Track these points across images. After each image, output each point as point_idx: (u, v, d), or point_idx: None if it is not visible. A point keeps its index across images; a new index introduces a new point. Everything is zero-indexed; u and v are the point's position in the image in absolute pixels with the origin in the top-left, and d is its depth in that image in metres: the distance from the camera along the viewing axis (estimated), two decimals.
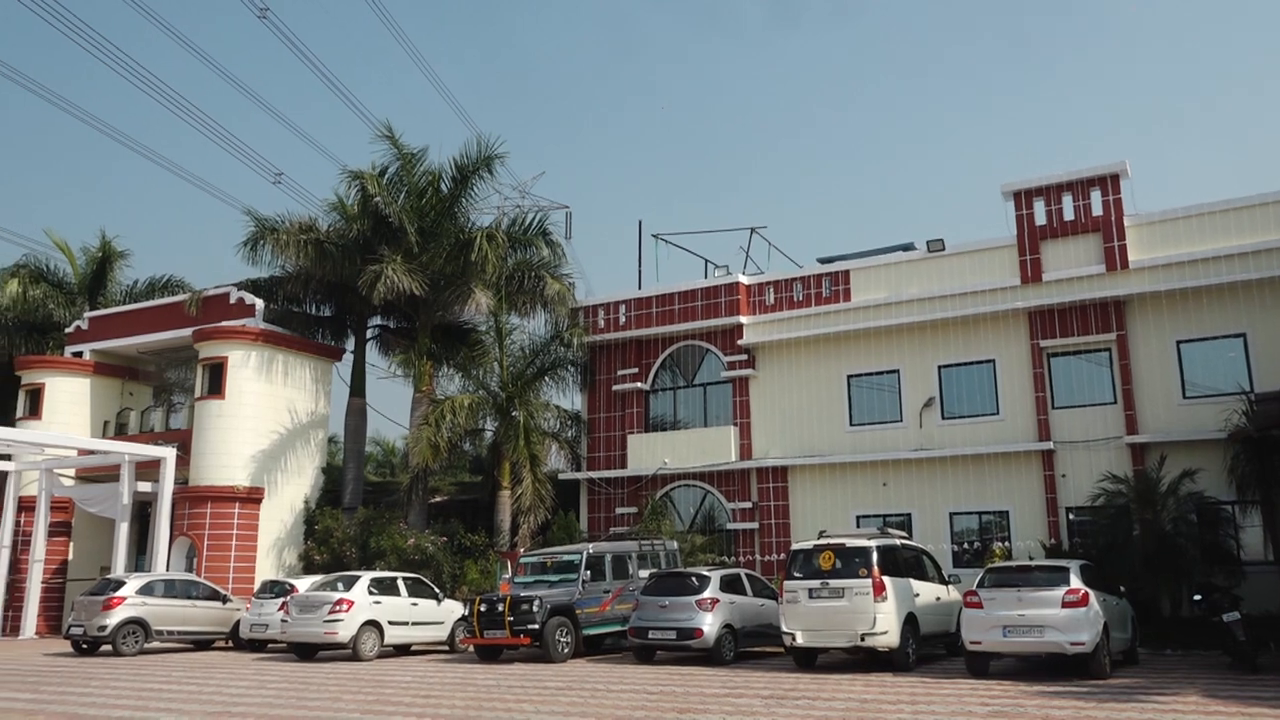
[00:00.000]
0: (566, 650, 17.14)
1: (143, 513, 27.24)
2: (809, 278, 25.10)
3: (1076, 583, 13.39)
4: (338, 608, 18.22)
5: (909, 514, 22.62)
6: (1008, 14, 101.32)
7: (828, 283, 24.72)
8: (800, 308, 24.90)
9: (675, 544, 21.25)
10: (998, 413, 22.32)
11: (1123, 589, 15.60)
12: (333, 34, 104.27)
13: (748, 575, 18.41)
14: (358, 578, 19.17)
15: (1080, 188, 22.02)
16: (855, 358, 24.16)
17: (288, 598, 19.66)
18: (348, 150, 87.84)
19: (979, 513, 22.17)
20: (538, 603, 16.87)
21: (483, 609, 17.33)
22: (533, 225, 28.28)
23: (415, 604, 19.57)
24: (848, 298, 24.34)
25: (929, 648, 15.92)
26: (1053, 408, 21.74)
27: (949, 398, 23.00)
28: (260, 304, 27.53)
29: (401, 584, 19.68)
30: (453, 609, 20.22)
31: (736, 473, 24.83)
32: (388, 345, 31.16)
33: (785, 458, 24.30)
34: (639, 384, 26.56)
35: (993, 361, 22.63)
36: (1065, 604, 13.12)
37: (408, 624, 19.31)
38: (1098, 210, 21.79)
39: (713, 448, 25.11)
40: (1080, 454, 21.19)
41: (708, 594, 16.44)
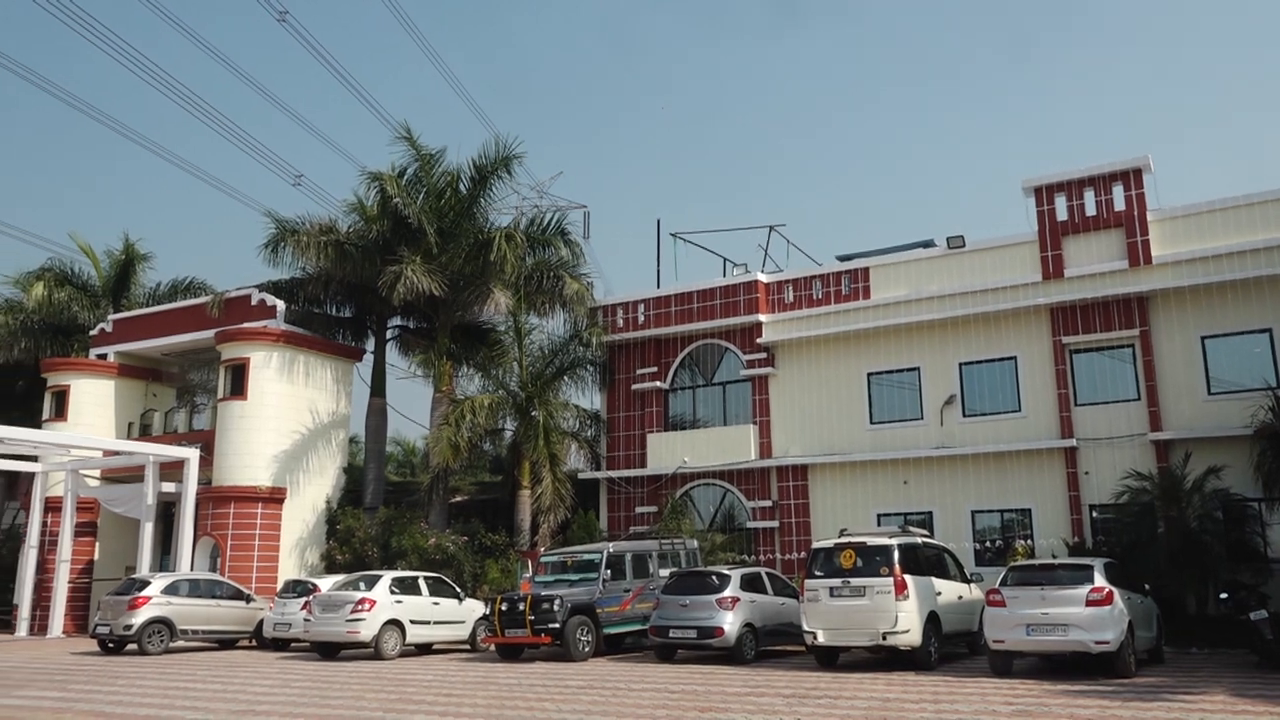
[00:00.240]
0: (587, 649, 17.16)
1: (167, 513, 27.49)
2: (828, 275, 25.02)
3: (1101, 581, 13.26)
4: (360, 607, 18.32)
5: (930, 512, 22.51)
6: (1025, 11, 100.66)
7: (847, 280, 24.63)
8: (820, 306, 24.83)
9: (695, 543, 21.23)
10: (1019, 410, 22.17)
11: (1147, 587, 15.44)
12: (337, 33, 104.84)
13: (768, 574, 18.37)
14: (379, 577, 19.26)
15: (1102, 183, 21.83)
16: (875, 355, 24.06)
17: (310, 597, 19.78)
18: (361, 150, 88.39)
19: (1001, 511, 22.03)
20: (558, 602, 16.91)
21: (504, 608, 17.39)
22: (551, 225, 28.35)
23: (437, 603, 19.64)
24: (867, 295, 24.25)
25: (951, 647, 15.83)
26: (1075, 405, 21.57)
27: (970, 395, 22.87)
28: (281, 305, 27.72)
29: (423, 583, 19.76)
30: (474, 608, 20.28)
31: (756, 471, 24.78)
32: (408, 345, 31.31)
33: (805, 456, 24.23)
34: (658, 383, 26.56)
35: (1014, 358, 22.48)
36: (1089, 602, 13.00)
37: (429, 623, 19.38)
38: (1120, 205, 21.59)
39: (732, 446, 25.07)
40: (1103, 451, 21.01)
41: (728, 593, 16.42)
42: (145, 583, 20.82)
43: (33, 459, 27.84)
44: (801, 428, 24.63)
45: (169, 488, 26.06)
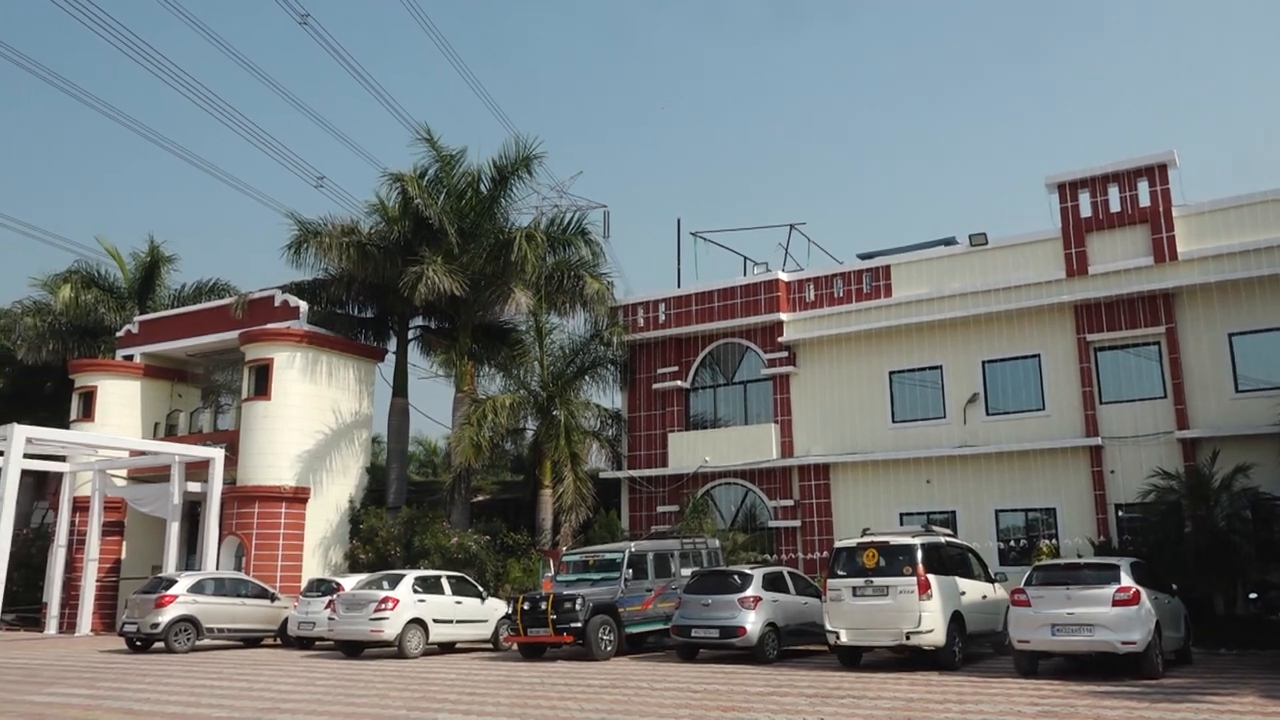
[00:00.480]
0: (609, 648, 17.17)
1: (193, 512, 27.75)
2: (849, 274, 24.92)
3: (1127, 580, 13.13)
4: (383, 606, 18.42)
5: (953, 511, 22.38)
6: (1044, 8, 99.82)
7: (868, 278, 24.52)
8: (841, 304, 24.73)
9: (717, 542, 21.20)
10: (1043, 408, 22.00)
11: (1175, 587, 15.27)
12: (349, 35, 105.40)
13: (790, 573, 18.33)
14: (402, 576, 19.36)
15: (1127, 179, 21.62)
16: (897, 354, 23.94)
17: (334, 596, 19.93)
18: (379, 151, 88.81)
19: (1025, 510, 21.86)
20: (580, 601, 16.94)
21: (526, 607, 17.44)
22: (571, 225, 28.40)
23: (459, 602, 19.72)
24: (889, 293, 24.13)
25: (975, 647, 15.75)
26: (1100, 403, 21.38)
27: (993, 393, 22.71)
28: (304, 306, 27.91)
29: (445, 582, 19.84)
30: (496, 607, 20.34)
31: (778, 470, 24.72)
32: (429, 346, 31.45)
33: (827, 455, 24.15)
34: (679, 382, 26.55)
35: (1037, 356, 22.31)
36: (1116, 602, 12.88)
37: (452, 622, 19.47)
38: (1145, 201, 21.37)
39: (754, 445, 25.02)
40: (1129, 450, 20.81)
41: (750, 592, 16.39)
42: (172, 581, 21.03)
43: (61, 459, 28.18)
44: (823, 427, 24.55)
45: (194, 487, 26.31)
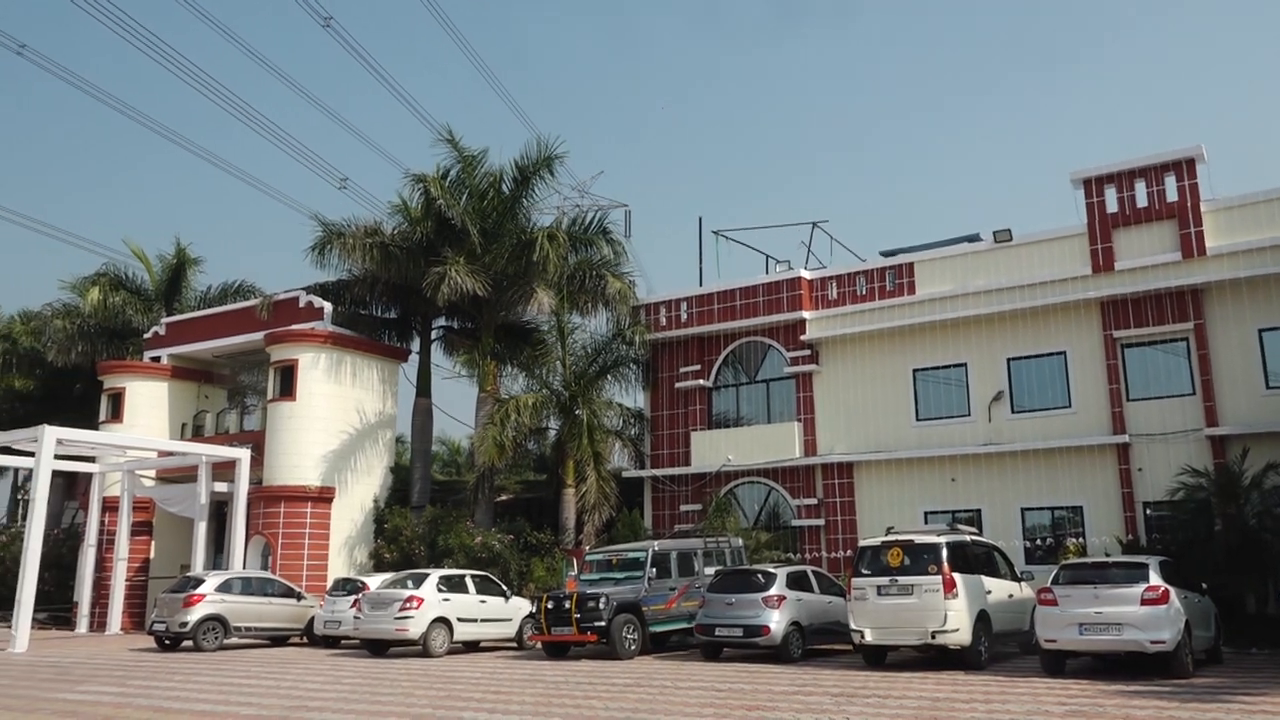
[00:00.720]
0: (633, 647, 17.19)
1: (220, 512, 28.02)
2: (872, 271, 24.80)
3: (1156, 579, 12.98)
4: (408, 605, 18.52)
5: (978, 510, 22.22)
6: (1067, 5, 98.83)
7: (891, 276, 24.39)
8: (864, 302, 24.61)
9: (740, 541, 21.17)
10: (1070, 405, 21.80)
11: (1205, 586, 15.07)
12: (368, 35, 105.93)
13: (814, 572, 18.26)
14: (427, 575, 19.45)
15: (1154, 173, 21.39)
16: (921, 351, 23.80)
17: (359, 595, 20.06)
18: (400, 151, 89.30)
19: (1051, 508, 21.67)
20: (604, 600, 16.95)
21: (550, 606, 17.48)
22: (593, 224, 28.44)
23: (483, 601, 19.79)
24: (912, 291, 23.99)
25: (1001, 646, 15.62)
26: (1127, 400, 21.17)
27: (1018, 391, 22.53)
28: (328, 307, 28.10)
29: (470, 581, 19.92)
30: (520, 606, 20.41)
31: (801, 469, 24.63)
32: (452, 346, 31.55)
33: (850, 453, 24.05)
34: (701, 381, 26.52)
35: (1063, 353, 22.10)
36: (1145, 601, 12.73)
37: (476, 621, 19.54)
38: (1172, 196, 21.13)
39: (776, 444, 24.95)
40: (1157, 447, 20.58)
41: (774, 591, 16.35)
42: (200, 581, 21.25)
43: (90, 460, 28.56)
44: (846, 425, 24.44)
45: (221, 487, 26.55)
